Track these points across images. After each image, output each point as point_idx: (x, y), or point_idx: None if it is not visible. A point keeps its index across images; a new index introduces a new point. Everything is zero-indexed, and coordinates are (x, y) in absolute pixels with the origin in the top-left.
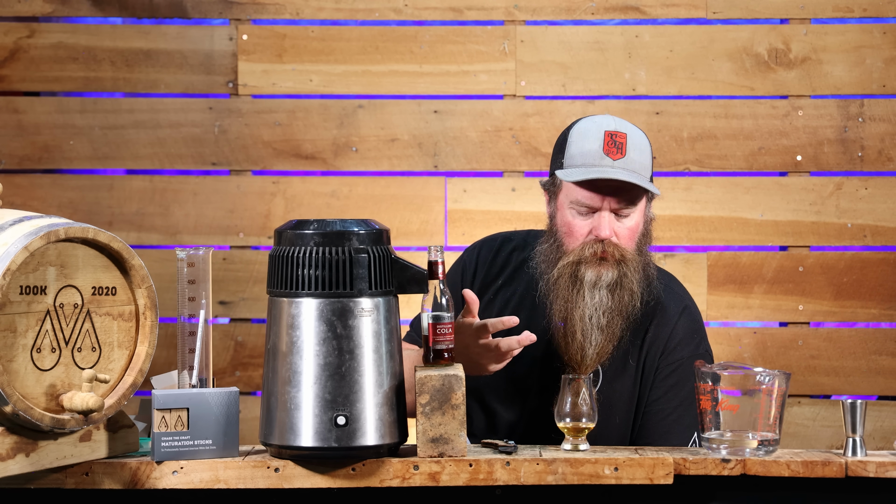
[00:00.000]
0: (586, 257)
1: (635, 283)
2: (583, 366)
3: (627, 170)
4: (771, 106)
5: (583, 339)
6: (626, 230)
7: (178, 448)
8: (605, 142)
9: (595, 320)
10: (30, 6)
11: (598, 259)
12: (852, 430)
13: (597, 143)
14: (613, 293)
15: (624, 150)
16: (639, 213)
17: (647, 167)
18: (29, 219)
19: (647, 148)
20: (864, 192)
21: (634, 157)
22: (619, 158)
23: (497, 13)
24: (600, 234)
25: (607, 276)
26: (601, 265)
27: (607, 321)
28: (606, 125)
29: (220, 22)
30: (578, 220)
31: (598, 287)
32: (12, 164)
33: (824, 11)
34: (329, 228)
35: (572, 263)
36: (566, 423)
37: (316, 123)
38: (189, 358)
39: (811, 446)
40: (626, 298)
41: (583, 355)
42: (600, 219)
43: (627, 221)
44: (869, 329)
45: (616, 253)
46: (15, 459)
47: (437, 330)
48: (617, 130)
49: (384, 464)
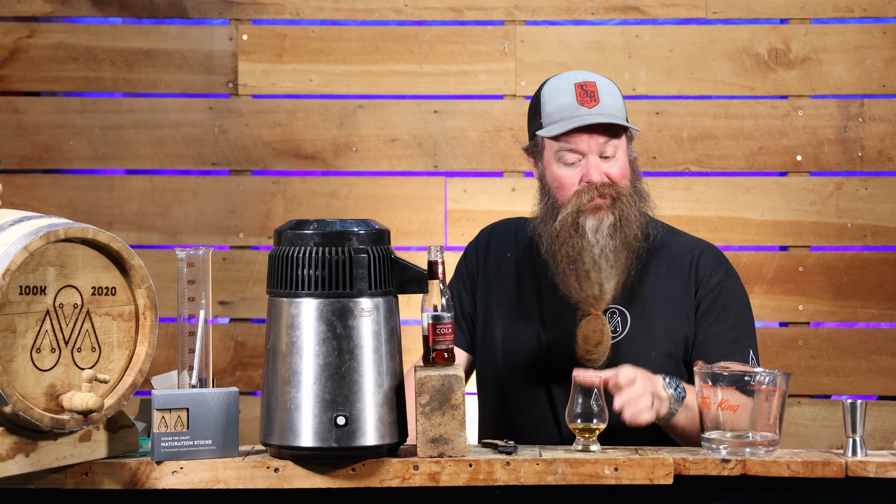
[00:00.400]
0: (584, 204)
1: (634, 217)
2: (601, 301)
3: (604, 114)
4: (771, 106)
5: (598, 274)
6: (617, 169)
7: (178, 448)
8: (577, 93)
9: (604, 258)
10: (30, 6)
11: (596, 206)
12: (852, 430)
13: (570, 96)
14: (615, 234)
15: (597, 97)
16: (622, 152)
17: (622, 109)
18: (29, 219)
19: (617, 93)
20: (864, 192)
21: (608, 102)
22: (594, 106)
23: (497, 13)
24: (591, 178)
25: (607, 221)
26: (599, 211)
27: (615, 258)
28: (574, 78)
29: (220, 22)
30: (566, 170)
31: (599, 232)
32: (12, 164)
33: (824, 11)
34: (329, 228)
35: (572, 213)
36: (577, 424)
37: (316, 123)
38: (189, 358)
39: (811, 446)
40: (629, 234)
41: (601, 291)
42: (588, 164)
43: (615, 162)
44: (869, 329)
45: (612, 192)
46: (15, 459)
47: (437, 330)
48: (586, 81)
49: (384, 464)
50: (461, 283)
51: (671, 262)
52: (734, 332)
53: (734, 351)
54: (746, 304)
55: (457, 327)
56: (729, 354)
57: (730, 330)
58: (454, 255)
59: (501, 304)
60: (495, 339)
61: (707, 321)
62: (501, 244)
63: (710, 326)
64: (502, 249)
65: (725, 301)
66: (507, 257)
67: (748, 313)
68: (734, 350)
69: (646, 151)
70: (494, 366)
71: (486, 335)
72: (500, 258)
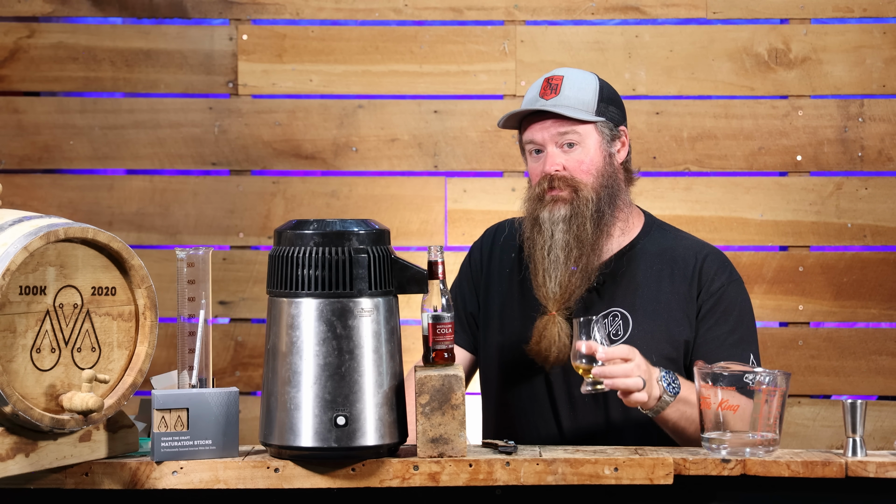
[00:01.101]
0: (539, 195)
1: (590, 213)
2: (549, 301)
3: (558, 105)
4: (771, 106)
5: (544, 274)
6: (577, 162)
7: (178, 448)
8: (542, 86)
9: (553, 255)
10: (30, 6)
11: (551, 198)
12: (852, 430)
13: (536, 89)
14: (569, 227)
15: (558, 90)
16: (591, 146)
17: (587, 102)
18: (29, 219)
19: (588, 86)
20: (864, 192)
21: (569, 94)
22: (552, 97)
23: (497, 13)
24: (545, 168)
25: (559, 213)
26: (554, 204)
27: (565, 255)
28: (549, 73)
29: (220, 22)
30: (533, 163)
31: (553, 223)
32: (12, 164)
33: (824, 11)
34: (329, 228)
35: (529, 200)
36: (581, 363)
37: (316, 123)
38: (189, 358)
39: (811, 446)
40: (582, 231)
41: (546, 291)
42: (545, 155)
43: (577, 154)
44: (869, 329)
45: (565, 186)
46: (15, 460)
47: (437, 330)
48: (554, 74)
49: (384, 464)
50: (465, 282)
51: (675, 265)
52: (734, 335)
53: (734, 355)
54: (749, 309)
55: (460, 327)
56: (728, 358)
57: (730, 334)
58: (454, 255)
59: (504, 304)
60: (499, 339)
61: (707, 324)
62: (506, 244)
63: (710, 330)
64: (507, 249)
65: (727, 305)
66: (511, 257)
67: (750, 318)
68: (734, 354)
69: (646, 151)
70: (496, 365)
71: (489, 335)
72: (504, 258)
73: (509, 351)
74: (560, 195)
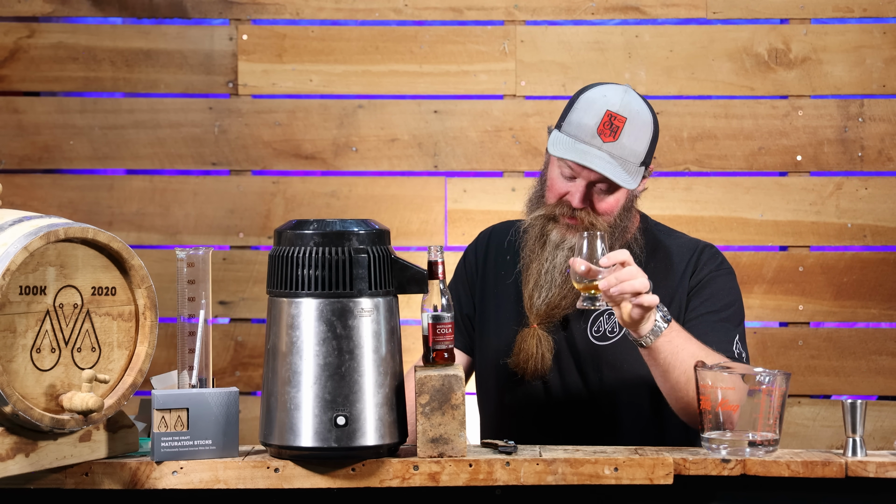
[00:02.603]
0: (556, 216)
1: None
2: (532, 314)
3: (613, 155)
4: (771, 106)
5: (534, 289)
6: (605, 203)
7: (178, 448)
8: (603, 121)
9: (550, 277)
10: (30, 6)
11: (566, 225)
12: (852, 430)
13: (594, 119)
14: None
15: (618, 134)
16: (622, 192)
17: (638, 153)
18: (29, 219)
19: (644, 134)
20: (864, 192)
21: (626, 144)
22: (609, 142)
23: (497, 13)
24: (572, 201)
25: (570, 242)
26: (568, 230)
27: (563, 280)
28: (610, 104)
29: (220, 22)
30: (560, 180)
31: (560, 248)
32: (12, 164)
33: (824, 11)
34: (329, 228)
35: (543, 217)
36: (580, 282)
37: (316, 123)
38: (189, 358)
39: (811, 446)
40: None
41: (532, 304)
42: (576, 187)
43: (604, 197)
44: (869, 329)
45: (587, 220)
46: (15, 460)
47: (437, 330)
48: (618, 113)
49: (384, 464)
50: (461, 285)
51: (669, 263)
52: (719, 315)
53: (716, 331)
54: (738, 299)
55: (456, 329)
56: (711, 333)
57: (714, 313)
58: (454, 255)
59: (500, 307)
60: (494, 341)
61: (693, 304)
62: (501, 247)
63: (695, 309)
64: (502, 252)
65: (714, 289)
66: (506, 260)
67: (738, 306)
68: (716, 330)
69: None
70: (494, 368)
71: (484, 337)
72: (499, 261)
73: (507, 354)
74: (576, 225)
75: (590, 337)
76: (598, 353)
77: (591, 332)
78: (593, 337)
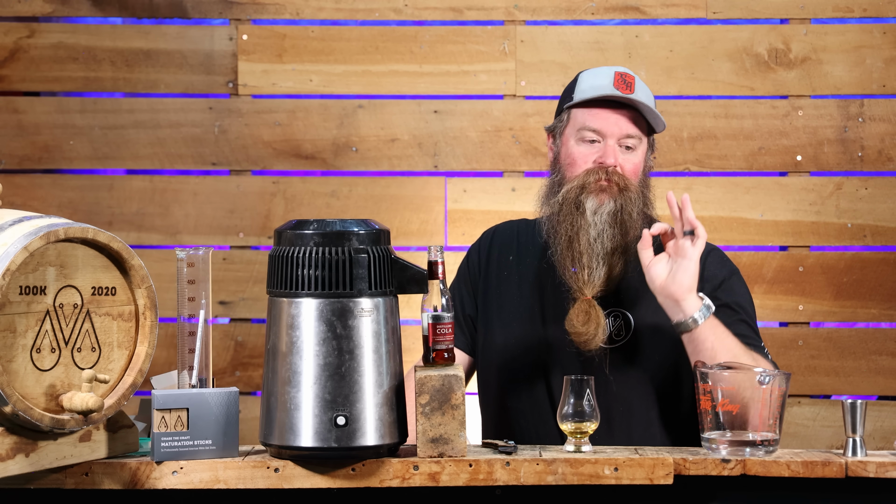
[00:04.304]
0: (590, 183)
1: (634, 215)
2: (589, 286)
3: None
4: (771, 106)
5: (590, 258)
6: (632, 164)
7: (178, 448)
8: (616, 79)
9: (600, 244)
10: (30, 6)
11: (600, 188)
12: (852, 430)
13: (607, 79)
14: (614, 222)
15: (633, 88)
16: (641, 153)
17: (654, 108)
18: (29, 219)
19: (651, 95)
20: (864, 192)
21: (641, 97)
22: (629, 94)
23: (497, 13)
24: (606, 160)
25: (608, 206)
26: (602, 193)
27: (611, 247)
28: (616, 68)
29: (220, 22)
30: (584, 147)
31: (598, 214)
32: (12, 164)
33: (824, 11)
34: (329, 228)
35: (576, 188)
36: (568, 426)
37: (316, 123)
38: (189, 358)
39: (811, 446)
40: (626, 229)
41: (590, 274)
42: (607, 147)
43: (631, 157)
44: (869, 329)
45: (620, 182)
46: (15, 460)
47: (437, 330)
48: (626, 72)
49: (384, 464)
50: (463, 284)
51: None
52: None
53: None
54: (750, 300)
55: (458, 329)
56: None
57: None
58: (454, 255)
59: (503, 307)
60: (497, 342)
61: None
62: (504, 247)
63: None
64: (504, 252)
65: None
66: (509, 260)
67: (753, 311)
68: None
69: None
70: (496, 368)
71: (487, 337)
72: (502, 261)
73: (509, 353)
74: (610, 188)
75: None
76: (604, 355)
77: None
78: None
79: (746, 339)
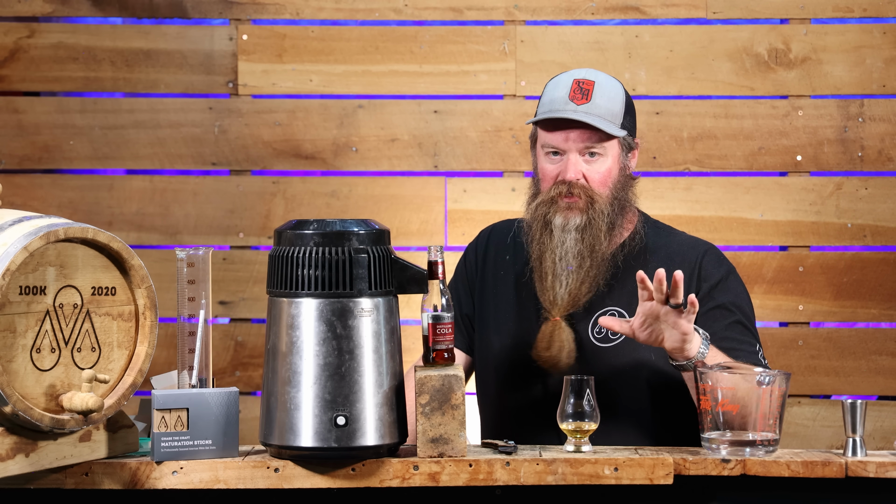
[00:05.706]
0: (552, 199)
1: (604, 226)
2: (555, 307)
3: (590, 114)
4: (771, 106)
5: (553, 280)
6: (598, 174)
7: (178, 448)
8: (572, 88)
9: (565, 263)
10: (30, 6)
11: (566, 204)
12: (852, 430)
13: (564, 90)
14: (583, 237)
15: (589, 96)
16: (611, 158)
17: (616, 113)
18: (28, 219)
19: (617, 96)
20: (864, 192)
21: (600, 103)
22: (583, 104)
23: (497, 13)
24: (566, 175)
25: (574, 221)
26: (569, 210)
27: (577, 264)
28: (577, 75)
29: (220, 22)
30: (549, 164)
31: (566, 231)
32: (12, 164)
33: (824, 11)
34: (329, 228)
35: (542, 204)
36: (568, 425)
37: (316, 123)
38: (189, 358)
39: (811, 446)
40: (596, 241)
41: (554, 296)
42: (568, 162)
43: (598, 165)
44: (869, 329)
45: (583, 195)
46: (15, 460)
47: (437, 330)
48: (585, 78)
49: (384, 464)
50: (461, 284)
51: (671, 262)
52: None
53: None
54: (748, 300)
55: (456, 329)
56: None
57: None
58: (454, 255)
59: (499, 306)
60: (494, 341)
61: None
62: (500, 246)
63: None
64: (501, 251)
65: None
66: (505, 259)
67: (751, 310)
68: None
69: (646, 151)
70: (493, 368)
71: (484, 337)
72: (498, 260)
73: (506, 353)
74: (576, 203)
75: (591, 338)
76: (599, 354)
77: (593, 333)
78: (595, 338)
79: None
